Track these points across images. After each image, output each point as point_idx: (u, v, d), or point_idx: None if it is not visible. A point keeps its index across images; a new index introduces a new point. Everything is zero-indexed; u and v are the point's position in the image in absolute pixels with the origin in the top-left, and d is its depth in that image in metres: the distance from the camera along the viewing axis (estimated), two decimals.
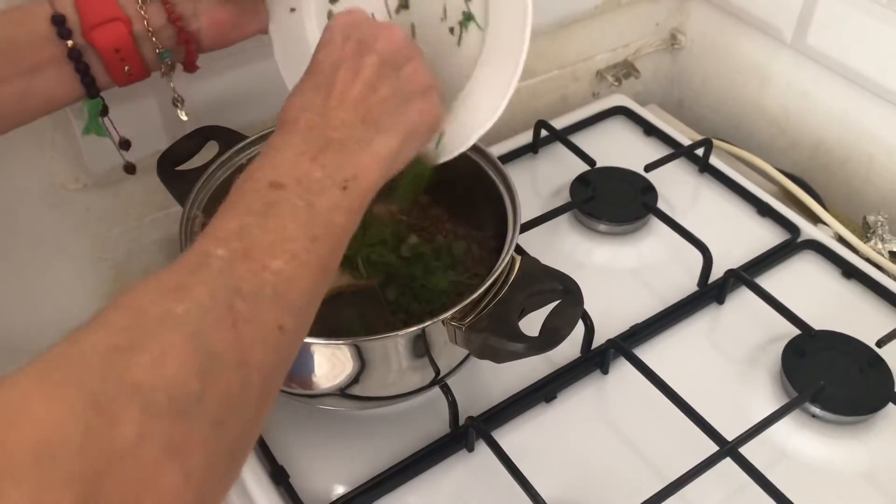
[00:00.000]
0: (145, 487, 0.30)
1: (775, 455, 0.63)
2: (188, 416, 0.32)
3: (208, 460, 0.32)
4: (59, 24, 0.52)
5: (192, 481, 0.31)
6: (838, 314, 0.72)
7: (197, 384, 0.33)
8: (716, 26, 1.00)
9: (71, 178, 0.71)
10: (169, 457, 0.31)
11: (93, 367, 0.31)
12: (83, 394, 0.30)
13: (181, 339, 0.33)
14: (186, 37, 0.57)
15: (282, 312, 0.38)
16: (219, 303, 0.36)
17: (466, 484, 0.62)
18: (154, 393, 0.31)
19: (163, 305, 0.34)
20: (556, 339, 0.54)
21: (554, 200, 0.84)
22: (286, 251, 0.39)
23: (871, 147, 0.89)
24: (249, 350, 0.36)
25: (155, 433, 0.30)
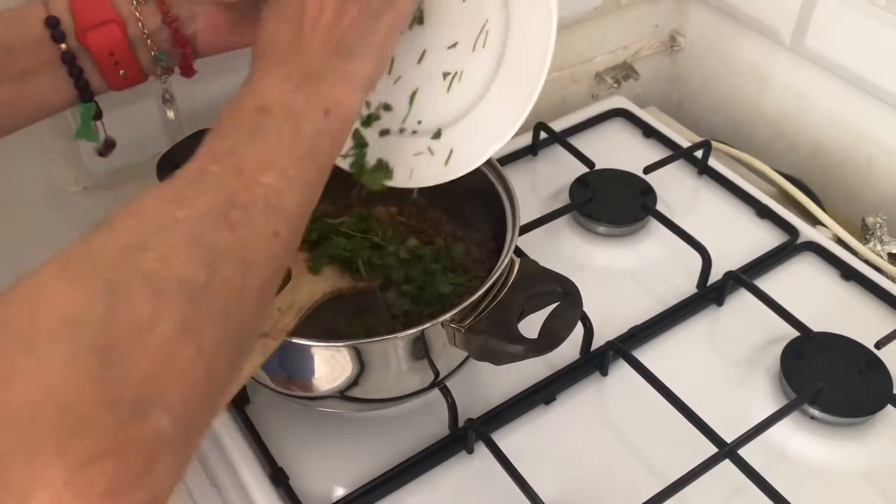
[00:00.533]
0: (163, 358, 0.32)
1: (774, 457, 0.63)
2: (197, 300, 0.35)
3: (218, 339, 0.35)
4: (52, 26, 0.52)
5: (204, 354, 0.34)
6: (837, 316, 0.73)
7: (203, 274, 0.36)
8: (715, 28, 1.01)
9: (71, 181, 0.72)
10: (182, 333, 0.34)
11: (107, 261, 0.34)
12: (101, 280, 0.33)
13: (184, 239, 0.37)
14: (182, 39, 0.56)
15: (275, 220, 0.41)
16: (216, 210, 0.39)
17: (466, 486, 0.62)
18: (165, 280, 0.34)
19: (166, 211, 0.37)
20: (555, 342, 0.54)
21: (553, 202, 0.84)
22: (275, 167, 0.42)
23: (869, 149, 0.89)
24: (248, 250, 0.39)
25: (168, 312, 0.33)
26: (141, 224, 0.36)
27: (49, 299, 0.32)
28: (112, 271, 0.34)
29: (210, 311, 0.35)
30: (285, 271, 0.43)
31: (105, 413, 0.30)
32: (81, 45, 0.53)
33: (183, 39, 0.56)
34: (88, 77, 0.55)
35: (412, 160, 0.61)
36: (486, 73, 0.57)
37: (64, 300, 0.32)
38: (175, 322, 0.33)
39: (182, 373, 0.33)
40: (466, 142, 0.58)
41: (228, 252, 0.38)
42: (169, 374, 0.33)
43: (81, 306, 0.32)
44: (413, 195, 0.70)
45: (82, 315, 0.31)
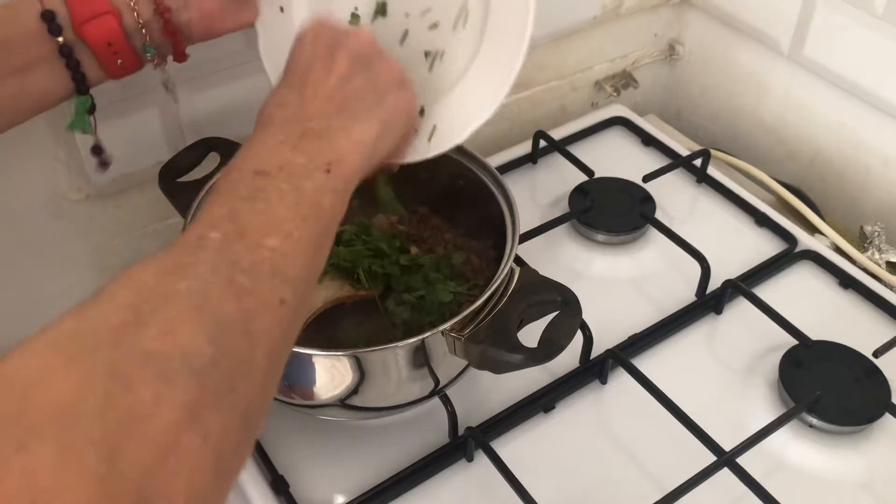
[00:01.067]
0: (166, 448, 0.30)
1: (773, 465, 0.64)
2: (202, 380, 0.33)
3: (224, 423, 0.33)
4: (49, 20, 0.52)
5: (210, 441, 0.32)
6: (835, 324, 0.73)
7: (209, 348, 0.33)
8: (714, 37, 1.01)
9: (74, 189, 0.72)
10: (187, 419, 0.31)
11: (105, 340, 0.32)
12: (98, 363, 0.31)
13: (188, 311, 0.34)
14: (173, 29, 0.56)
15: (281, 286, 0.39)
16: (220, 277, 0.37)
17: (465, 494, 0.62)
18: (167, 360, 0.32)
19: (166, 284, 0.35)
20: (554, 350, 0.55)
21: (552, 211, 0.84)
22: (279, 230, 0.41)
23: (867, 157, 0.89)
24: (254, 320, 0.37)
25: (172, 397, 0.31)
26: (140, 298, 0.34)
27: (42, 385, 0.29)
28: (110, 351, 0.31)
29: (216, 390, 0.33)
30: (293, 343, 0.41)
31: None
32: (78, 38, 0.53)
33: (173, 29, 0.56)
34: (85, 69, 0.55)
35: None
36: (467, 51, 0.58)
37: (58, 387, 0.29)
38: (179, 406, 0.31)
39: (187, 462, 0.31)
40: (449, 119, 0.59)
41: (234, 323, 0.35)
42: (173, 465, 0.30)
43: (77, 394, 0.29)
44: None
45: (79, 404, 0.29)
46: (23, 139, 0.66)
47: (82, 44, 0.54)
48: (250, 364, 0.36)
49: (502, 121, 0.96)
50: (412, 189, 0.70)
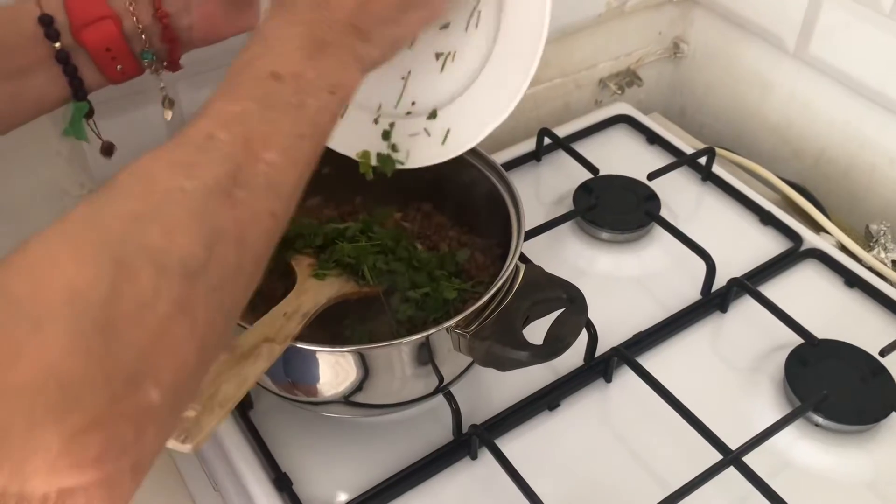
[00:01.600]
0: (159, 336, 0.33)
1: (779, 464, 0.63)
2: (195, 279, 0.35)
3: (209, 318, 0.36)
4: (46, 24, 0.52)
5: (195, 334, 0.35)
6: (841, 323, 0.73)
7: (203, 253, 0.36)
8: (718, 35, 1.01)
9: (75, 185, 0.72)
10: (178, 311, 0.34)
11: (113, 231, 0.34)
12: (106, 253, 0.33)
13: (189, 215, 0.37)
14: (171, 35, 0.56)
15: (273, 200, 0.41)
16: (221, 186, 0.39)
17: (470, 492, 0.62)
18: (167, 256, 0.35)
19: (174, 179, 0.37)
20: (560, 348, 0.54)
21: (557, 208, 0.84)
22: (278, 144, 0.42)
23: (873, 156, 0.89)
24: (246, 230, 0.39)
25: (168, 290, 0.34)
26: (148, 191, 0.37)
27: (55, 272, 0.32)
28: (118, 244, 0.34)
29: (205, 290, 0.36)
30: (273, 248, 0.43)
31: (101, 388, 0.31)
32: (77, 43, 0.53)
33: (172, 35, 0.56)
34: (83, 75, 0.55)
35: (409, 141, 0.61)
36: (480, 52, 0.57)
37: (70, 274, 0.32)
38: (173, 301, 0.34)
39: (175, 350, 0.34)
40: (463, 121, 0.58)
41: (228, 232, 0.38)
42: (163, 350, 0.34)
43: (87, 282, 0.32)
44: None
45: (88, 291, 0.32)
46: (25, 134, 0.66)
47: (81, 49, 0.54)
48: (237, 270, 0.39)
49: (506, 118, 0.96)
50: (417, 186, 0.70)
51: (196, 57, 0.69)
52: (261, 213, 0.40)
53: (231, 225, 0.38)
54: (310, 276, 0.61)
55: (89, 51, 0.54)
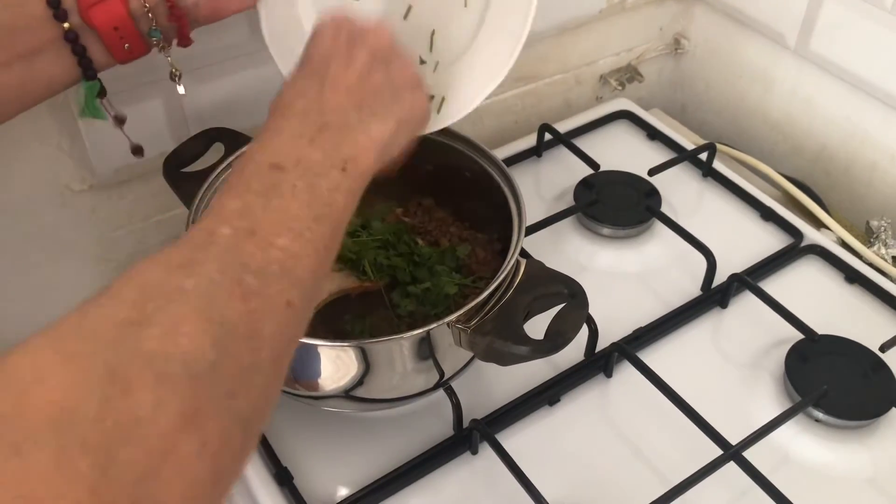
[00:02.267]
0: (162, 455, 0.30)
1: (779, 459, 0.63)
2: (203, 385, 0.32)
3: (223, 430, 0.32)
4: (54, 6, 0.52)
5: (207, 450, 0.31)
6: (841, 319, 0.73)
7: (211, 353, 0.33)
8: (719, 31, 1.01)
9: (77, 179, 0.72)
10: (185, 425, 0.31)
11: (106, 339, 0.31)
12: (98, 363, 0.30)
13: (193, 312, 0.34)
14: (178, 13, 0.56)
15: (289, 288, 0.38)
16: (228, 277, 0.36)
17: (470, 486, 0.62)
18: (168, 362, 0.31)
19: (172, 281, 0.35)
20: (561, 343, 0.54)
21: (558, 204, 0.84)
22: (290, 230, 0.40)
23: (874, 152, 0.89)
24: (260, 323, 0.36)
25: (170, 401, 0.31)
26: (144, 297, 0.33)
27: (40, 388, 0.29)
28: (111, 352, 0.31)
29: (216, 395, 0.32)
30: (297, 344, 0.40)
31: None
32: (85, 22, 0.53)
33: (179, 13, 0.56)
34: (92, 54, 0.55)
35: None
36: (471, 24, 0.58)
37: (56, 389, 0.29)
38: (177, 412, 0.30)
39: (183, 469, 0.30)
40: (457, 89, 0.59)
41: (239, 326, 0.35)
42: (169, 471, 0.30)
43: (75, 397, 0.29)
44: None
45: (76, 408, 0.29)
46: (27, 129, 0.66)
47: (89, 29, 0.53)
48: (253, 369, 0.35)
49: (507, 114, 0.96)
50: (418, 181, 0.70)
51: (197, 52, 0.69)
52: (276, 302, 0.37)
53: (242, 318, 0.35)
54: None
55: (98, 30, 0.53)
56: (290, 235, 0.39)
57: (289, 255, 0.39)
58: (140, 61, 0.62)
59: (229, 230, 0.38)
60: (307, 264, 0.40)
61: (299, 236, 0.40)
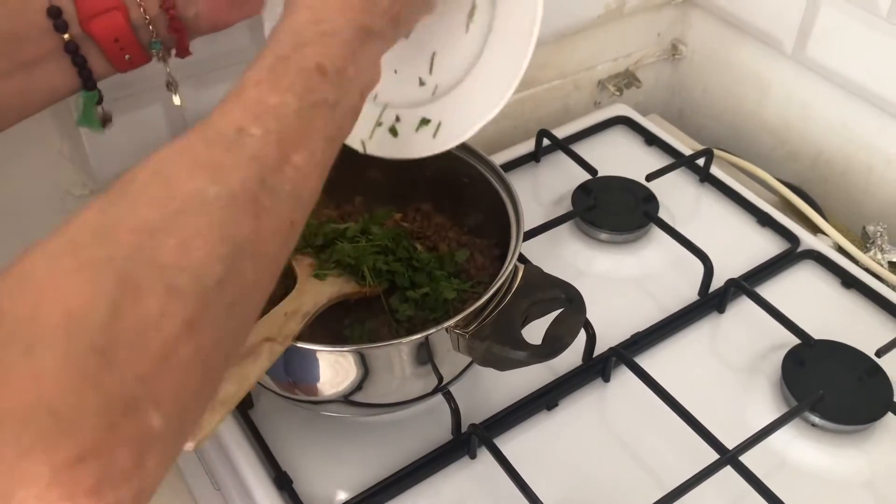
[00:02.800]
0: (162, 358, 0.32)
1: (775, 463, 0.64)
2: (207, 298, 0.34)
3: (218, 336, 0.34)
4: (55, 16, 0.52)
5: (202, 353, 0.33)
6: (838, 324, 0.73)
7: (220, 268, 0.34)
8: (717, 37, 1.01)
9: (77, 184, 0.72)
10: (186, 332, 0.32)
11: (123, 244, 0.33)
12: (112, 270, 0.32)
13: (209, 226, 0.35)
14: (178, 25, 0.56)
15: (295, 209, 0.39)
16: (247, 193, 0.36)
17: (468, 491, 0.62)
18: (179, 274, 0.33)
19: (196, 182, 0.35)
20: (559, 348, 0.55)
21: (555, 209, 0.84)
22: (306, 147, 0.40)
23: (870, 158, 0.89)
24: (266, 243, 0.37)
25: (176, 311, 0.32)
26: (167, 196, 0.34)
27: (55, 291, 0.31)
28: (126, 260, 0.32)
29: (217, 308, 0.34)
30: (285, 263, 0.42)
31: (96, 415, 0.30)
32: (85, 34, 0.53)
33: (179, 25, 0.56)
34: (92, 65, 0.55)
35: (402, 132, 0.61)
36: (472, 49, 0.58)
37: (71, 294, 0.31)
38: (181, 322, 0.32)
39: (178, 372, 0.33)
40: (454, 115, 0.59)
41: (249, 244, 0.36)
42: (166, 373, 0.32)
43: (88, 303, 0.31)
44: None
45: (87, 313, 0.31)
46: (28, 134, 0.66)
47: (89, 40, 0.54)
48: (253, 286, 0.37)
49: (505, 119, 0.96)
50: (416, 187, 0.70)
51: (200, 55, 0.70)
52: (283, 222, 0.38)
53: (253, 237, 0.36)
54: (310, 277, 0.61)
55: (98, 41, 0.54)
56: (306, 153, 0.40)
57: (300, 175, 0.39)
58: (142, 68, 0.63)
59: (260, 132, 0.38)
60: (311, 185, 0.40)
61: (312, 155, 0.40)
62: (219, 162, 0.37)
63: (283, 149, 0.39)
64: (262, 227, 0.37)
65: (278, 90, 0.40)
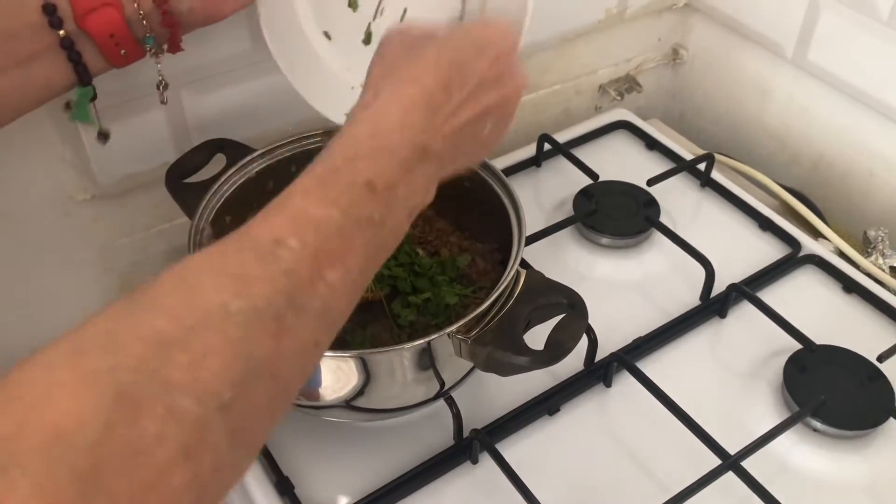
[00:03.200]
0: (153, 486, 0.29)
1: (777, 469, 0.64)
2: (211, 422, 0.31)
3: (218, 464, 0.32)
4: (50, 13, 0.52)
5: (198, 482, 0.31)
6: (839, 329, 0.73)
7: (229, 392, 0.32)
8: (718, 41, 1.01)
9: (79, 189, 0.72)
10: (181, 459, 0.30)
11: (129, 354, 0.31)
12: (113, 384, 0.30)
13: (225, 344, 0.33)
14: (171, 20, 0.56)
15: (321, 329, 0.37)
16: (271, 309, 0.34)
17: (470, 496, 0.62)
18: (184, 395, 0.31)
19: (220, 294, 0.33)
20: (561, 353, 0.55)
21: (557, 214, 0.84)
22: (343, 264, 0.38)
23: (871, 162, 0.89)
24: (284, 365, 0.35)
25: (174, 435, 0.30)
26: (187, 307, 0.33)
27: (48, 406, 0.28)
28: (130, 371, 0.30)
29: (220, 432, 0.31)
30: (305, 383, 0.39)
31: None
32: (80, 29, 0.53)
33: (172, 20, 0.56)
34: (87, 60, 0.55)
35: None
36: None
37: (63, 409, 0.28)
38: (177, 447, 0.30)
39: (170, 499, 0.30)
40: None
41: (266, 366, 0.34)
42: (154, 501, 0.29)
43: (78, 421, 0.28)
44: None
45: (76, 432, 0.28)
46: (29, 139, 0.67)
47: (85, 35, 0.54)
48: (265, 409, 0.34)
49: None
50: None
51: (199, 62, 0.70)
52: (305, 343, 0.36)
53: (271, 358, 0.34)
54: None
55: (93, 37, 0.54)
56: (341, 271, 0.37)
57: (332, 292, 0.37)
58: (143, 72, 0.63)
59: (297, 244, 0.36)
60: (343, 305, 0.38)
61: (348, 273, 0.38)
62: (247, 274, 0.35)
63: (318, 264, 0.37)
64: (282, 348, 0.34)
65: (324, 202, 0.38)
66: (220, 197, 0.64)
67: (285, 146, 0.68)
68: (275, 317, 0.34)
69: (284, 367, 0.35)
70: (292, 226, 0.37)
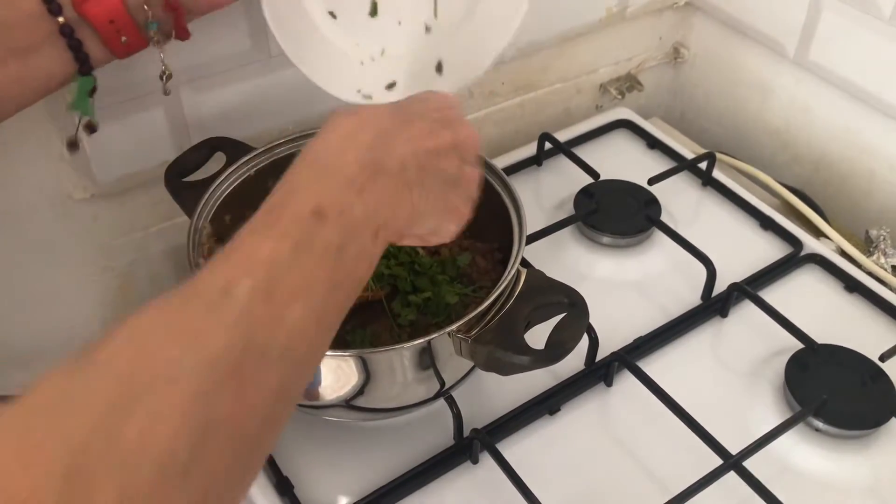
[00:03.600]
0: None
1: (779, 469, 0.63)
2: (169, 489, 0.30)
3: None
4: (48, 1, 0.51)
5: None
6: (841, 328, 0.73)
7: (186, 455, 0.30)
8: (719, 40, 1.01)
9: (78, 188, 0.72)
10: None
11: (82, 425, 0.29)
12: (63, 459, 0.28)
13: (181, 403, 0.31)
14: (174, 4, 0.55)
15: (288, 371, 0.35)
16: (228, 360, 0.33)
17: (471, 496, 0.62)
18: (140, 463, 0.29)
19: (170, 351, 0.32)
20: (561, 353, 0.55)
21: (558, 213, 0.84)
22: (307, 297, 0.36)
23: (872, 161, 0.89)
24: (249, 416, 0.33)
25: None
26: (137, 367, 0.31)
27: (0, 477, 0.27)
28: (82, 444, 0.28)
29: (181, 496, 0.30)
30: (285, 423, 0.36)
31: None
32: (80, 16, 0.53)
33: (175, 4, 0.56)
34: (88, 49, 0.54)
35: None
36: None
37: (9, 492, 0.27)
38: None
39: None
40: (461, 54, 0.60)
41: (226, 421, 0.32)
42: None
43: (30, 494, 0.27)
44: None
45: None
46: (28, 137, 0.66)
47: (85, 23, 0.53)
48: (232, 466, 0.32)
49: (507, 123, 0.96)
50: None
51: (199, 61, 0.70)
52: (272, 390, 0.34)
53: (233, 411, 0.32)
54: None
55: (93, 24, 0.53)
56: (303, 307, 0.36)
57: (296, 331, 0.35)
58: (142, 70, 0.63)
59: (246, 288, 0.34)
60: (310, 340, 0.37)
61: (312, 308, 0.36)
62: (196, 328, 0.33)
63: (275, 304, 0.35)
64: (245, 398, 0.33)
65: (272, 238, 0.37)
66: (220, 196, 0.64)
67: (285, 145, 0.68)
68: (232, 367, 0.32)
69: (250, 420, 0.33)
70: (243, 267, 0.36)
